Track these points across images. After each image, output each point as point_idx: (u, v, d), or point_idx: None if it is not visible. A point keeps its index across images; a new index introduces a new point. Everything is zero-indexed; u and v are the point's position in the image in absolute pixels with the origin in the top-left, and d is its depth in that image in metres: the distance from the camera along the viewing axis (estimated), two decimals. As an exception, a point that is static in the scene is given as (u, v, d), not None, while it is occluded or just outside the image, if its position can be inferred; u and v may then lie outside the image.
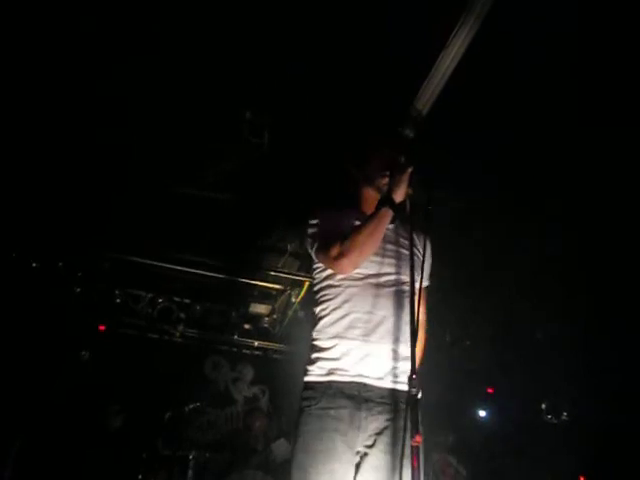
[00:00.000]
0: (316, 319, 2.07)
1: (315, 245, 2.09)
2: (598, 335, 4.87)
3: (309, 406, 1.90)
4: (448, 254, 2.30)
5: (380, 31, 2.67)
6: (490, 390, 6.38)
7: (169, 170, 4.00)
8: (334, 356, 1.94)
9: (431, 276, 2.27)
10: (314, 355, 2.00)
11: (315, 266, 2.17)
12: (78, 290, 5.59)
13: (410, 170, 1.97)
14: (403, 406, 1.85)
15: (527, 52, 2.67)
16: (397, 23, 2.61)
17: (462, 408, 6.21)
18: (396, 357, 1.94)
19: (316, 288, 2.16)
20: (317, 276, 2.16)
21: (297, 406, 1.96)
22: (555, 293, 4.62)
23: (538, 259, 4.32)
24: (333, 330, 1.98)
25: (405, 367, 1.89)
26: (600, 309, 4.60)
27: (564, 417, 4.81)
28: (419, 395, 1.98)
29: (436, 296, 2.38)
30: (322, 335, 2.01)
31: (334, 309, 2.01)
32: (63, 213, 4.64)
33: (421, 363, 2.09)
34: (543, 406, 5.12)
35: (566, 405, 4.76)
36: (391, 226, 2.07)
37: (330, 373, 1.93)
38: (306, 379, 1.98)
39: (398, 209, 1.99)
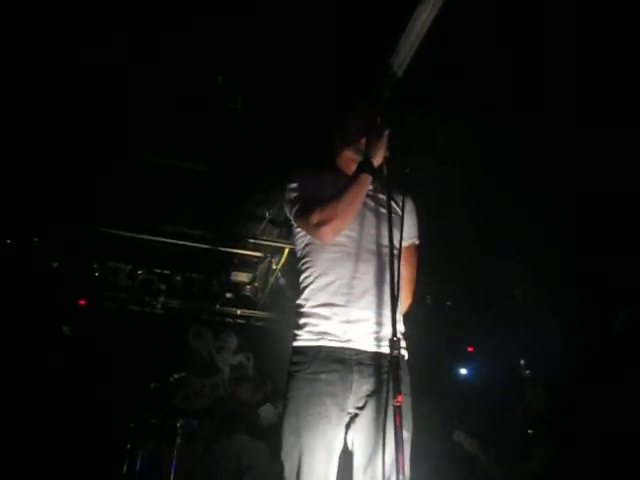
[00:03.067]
0: (301, 286, 2.06)
1: (294, 211, 2.06)
2: (577, 290, 4.98)
3: (299, 371, 1.91)
4: (427, 217, 2.29)
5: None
6: (470, 349, 6.53)
7: (145, 140, 3.91)
8: (323, 322, 1.94)
9: (420, 236, 2.27)
10: (302, 320, 1.99)
11: (296, 232, 2.14)
12: (55, 265, 5.51)
13: (387, 133, 1.94)
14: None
15: (509, 10, 2.63)
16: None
17: (445, 367, 6.36)
18: (382, 320, 1.95)
19: (299, 254, 2.14)
20: (299, 242, 2.14)
21: (285, 371, 1.97)
22: (533, 251, 4.68)
23: (516, 219, 4.37)
24: (320, 297, 1.98)
25: (390, 330, 1.88)
26: (578, 266, 4.68)
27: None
28: (406, 356, 2.02)
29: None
30: (309, 302, 2.00)
31: (319, 275, 2.01)
32: (36, 187, 4.53)
33: (404, 317, 2.11)
34: (522, 362, 5.24)
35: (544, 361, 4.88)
36: (370, 187, 2.04)
37: (320, 338, 1.93)
38: (295, 344, 1.97)
39: (377, 173, 1.98)
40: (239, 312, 6.19)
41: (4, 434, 4.56)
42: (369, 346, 1.92)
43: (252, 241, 5.12)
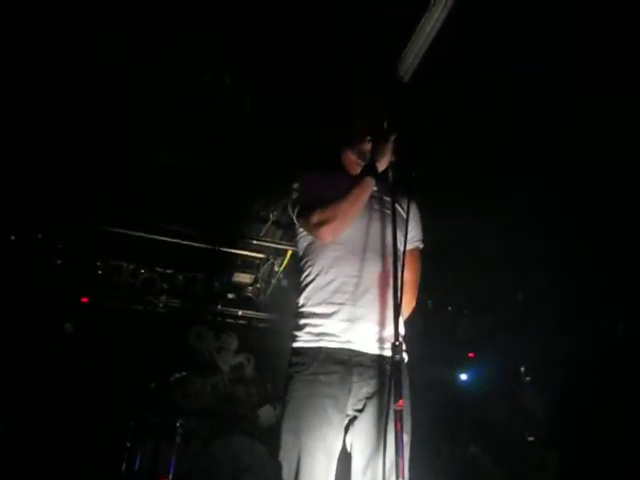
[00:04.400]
0: (302, 285, 2.05)
1: (296, 210, 2.06)
2: (578, 299, 4.98)
3: (299, 372, 1.90)
4: (428, 221, 2.30)
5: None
6: (471, 355, 6.53)
7: (150, 138, 3.93)
8: (322, 322, 1.93)
9: (424, 240, 2.25)
10: (302, 321, 1.98)
11: (299, 231, 2.14)
12: (59, 262, 5.53)
13: (393, 137, 1.94)
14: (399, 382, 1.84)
15: (512, 18, 2.65)
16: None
17: (445, 372, 6.35)
18: (383, 321, 1.94)
19: (301, 254, 2.14)
20: (301, 241, 2.13)
21: (285, 372, 1.96)
22: (533, 259, 4.69)
23: (518, 225, 4.38)
24: (320, 295, 1.97)
25: (392, 332, 1.84)
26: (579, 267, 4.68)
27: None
28: (405, 360, 2.02)
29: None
30: (309, 301, 1.99)
31: (320, 274, 2.00)
32: (40, 184, 4.55)
33: (405, 321, 2.10)
34: (522, 369, 5.24)
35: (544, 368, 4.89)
36: (375, 188, 2.04)
37: (319, 339, 1.92)
38: (294, 345, 1.97)
39: (381, 177, 1.98)
40: (240, 313, 6.20)
41: (5, 431, 4.57)
42: (370, 348, 1.91)
43: (255, 242, 5.13)
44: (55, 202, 4.81)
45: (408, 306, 2.17)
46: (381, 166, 1.95)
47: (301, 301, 2.03)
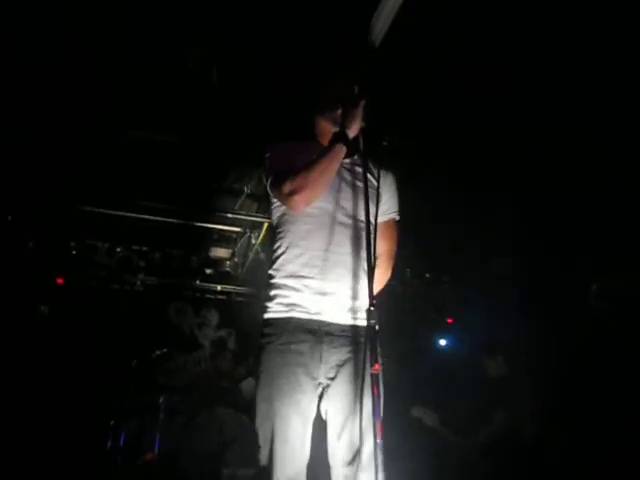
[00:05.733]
0: (274, 257, 2.05)
1: (269, 181, 2.05)
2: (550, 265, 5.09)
3: (270, 342, 1.92)
4: (405, 188, 2.30)
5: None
6: (450, 320, 6.64)
7: (120, 115, 3.84)
8: (292, 294, 1.94)
9: (399, 211, 2.23)
10: (272, 292, 1.99)
11: (272, 202, 2.13)
12: (31, 244, 5.43)
13: (363, 102, 1.92)
14: (362, 339, 1.88)
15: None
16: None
17: (423, 337, 6.47)
18: (355, 294, 1.95)
19: (274, 225, 2.13)
20: (275, 213, 2.12)
21: (257, 344, 1.98)
22: (509, 225, 4.75)
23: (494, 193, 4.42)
24: (290, 268, 1.97)
25: (363, 303, 1.90)
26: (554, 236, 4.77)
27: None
28: (377, 326, 2.03)
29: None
30: (280, 273, 2.00)
31: (290, 247, 2.00)
32: (9, 165, 4.43)
33: (379, 294, 2.07)
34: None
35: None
36: (347, 160, 2.04)
37: (289, 309, 1.94)
38: (265, 316, 1.98)
39: (352, 144, 1.96)
40: (219, 288, 6.19)
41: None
42: (339, 319, 1.94)
43: (230, 216, 5.09)
44: (24, 183, 4.70)
45: (382, 277, 2.16)
46: (352, 132, 1.93)
47: (272, 272, 2.03)
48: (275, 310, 1.96)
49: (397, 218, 2.21)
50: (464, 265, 5.84)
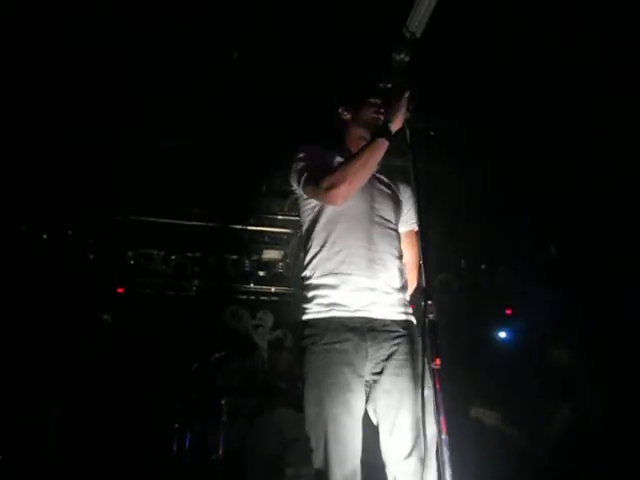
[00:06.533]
0: (308, 257, 2.07)
1: (303, 178, 2.05)
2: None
3: (314, 343, 1.93)
4: (456, 182, 2.27)
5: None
6: (509, 311, 6.44)
7: (157, 126, 3.93)
8: (331, 292, 1.96)
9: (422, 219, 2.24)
10: (310, 293, 2.01)
11: (304, 203, 2.15)
12: (92, 257, 5.63)
13: (407, 94, 1.90)
14: (405, 332, 1.94)
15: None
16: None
17: (483, 331, 6.29)
18: (393, 289, 1.99)
19: (305, 227, 2.14)
20: (306, 214, 2.14)
21: (298, 346, 2.00)
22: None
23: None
24: (329, 266, 1.99)
25: (399, 298, 2.00)
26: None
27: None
28: (414, 322, 2.03)
29: (448, 226, 2.38)
30: (317, 272, 2.02)
31: (326, 246, 2.02)
32: (66, 181, 4.61)
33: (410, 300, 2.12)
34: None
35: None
36: (376, 170, 2.08)
37: (330, 309, 1.95)
38: (305, 317, 1.99)
39: (395, 138, 1.94)
40: (273, 290, 6.24)
41: (57, 427, 4.72)
42: (381, 314, 1.95)
43: (280, 217, 5.13)
44: (81, 198, 4.88)
45: (410, 287, 2.17)
46: (395, 126, 1.91)
47: (307, 273, 2.05)
48: (315, 311, 1.97)
49: (416, 229, 2.21)
50: (520, 254, 5.67)
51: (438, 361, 1.57)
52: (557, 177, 4.26)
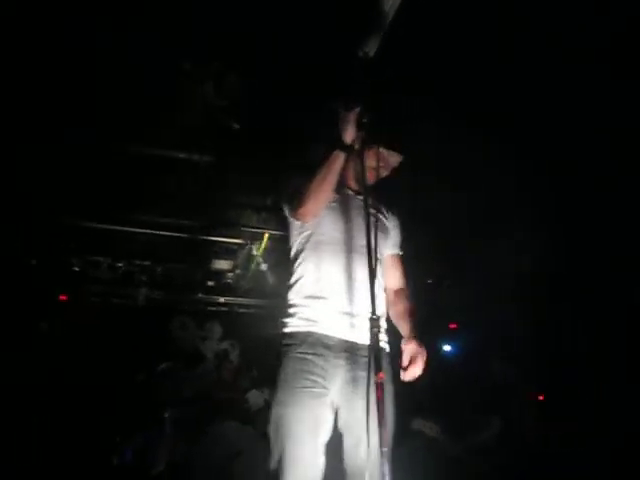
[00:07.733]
0: (292, 281, 2.17)
1: (284, 203, 2.23)
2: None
3: (290, 350, 2.01)
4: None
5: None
6: (453, 326, 6.60)
7: (118, 130, 3.84)
8: (312, 313, 2.06)
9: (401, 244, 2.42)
10: (292, 310, 2.11)
11: (292, 228, 2.26)
12: (34, 262, 5.45)
13: (357, 109, 1.96)
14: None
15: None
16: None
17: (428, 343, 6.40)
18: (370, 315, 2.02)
19: (294, 251, 2.24)
20: (294, 239, 2.25)
21: (276, 351, 2.07)
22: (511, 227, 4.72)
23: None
24: (310, 290, 2.09)
25: (381, 324, 2.02)
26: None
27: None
28: (387, 349, 2.13)
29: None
30: (299, 295, 2.12)
31: (310, 272, 2.12)
32: (8, 181, 4.44)
33: (415, 326, 2.21)
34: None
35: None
36: (360, 197, 2.15)
37: (310, 324, 2.04)
38: (285, 330, 2.09)
39: (350, 149, 2.03)
40: (222, 300, 6.20)
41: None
42: (357, 337, 2.04)
43: (231, 228, 5.10)
44: (25, 201, 4.71)
45: (412, 306, 2.28)
46: (347, 138, 1.99)
47: (291, 296, 2.15)
48: (295, 324, 2.07)
49: (400, 253, 2.40)
50: (466, 268, 5.80)
51: (381, 375, 1.63)
52: (510, 190, 4.34)
